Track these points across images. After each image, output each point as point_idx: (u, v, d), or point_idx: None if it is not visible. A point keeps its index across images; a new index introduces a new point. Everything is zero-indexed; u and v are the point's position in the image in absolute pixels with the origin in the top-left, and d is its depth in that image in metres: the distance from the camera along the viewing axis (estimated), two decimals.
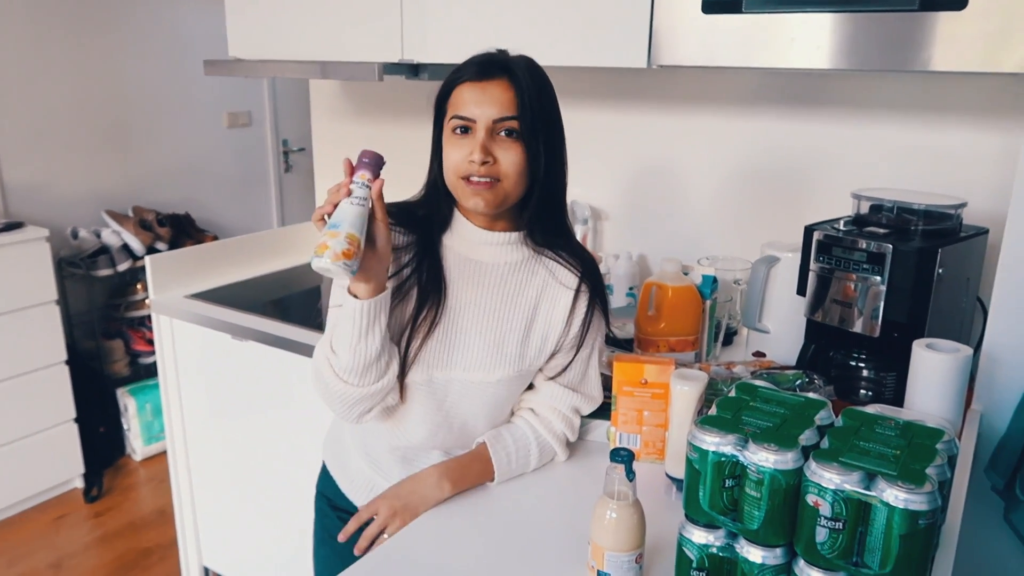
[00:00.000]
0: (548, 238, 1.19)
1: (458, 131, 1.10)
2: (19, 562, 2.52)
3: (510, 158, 1.09)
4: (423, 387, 1.18)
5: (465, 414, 1.21)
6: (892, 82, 1.63)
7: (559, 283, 1.19)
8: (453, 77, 1.12)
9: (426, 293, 1.15)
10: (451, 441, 1.23)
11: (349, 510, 1.31)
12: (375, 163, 1.04)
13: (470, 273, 1.18)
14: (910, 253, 1.29)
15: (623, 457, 0.94)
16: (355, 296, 1.06)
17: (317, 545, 1.38)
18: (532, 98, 1.09)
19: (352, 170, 1.04)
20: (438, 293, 1.15)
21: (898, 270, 1.30)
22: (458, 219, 1.18)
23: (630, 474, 0.95)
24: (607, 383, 1.30)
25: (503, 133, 1.09)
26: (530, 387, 1.28)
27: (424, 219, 1.19)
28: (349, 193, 1.02)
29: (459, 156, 1.10)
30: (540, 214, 1.16)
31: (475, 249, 1.18)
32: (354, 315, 1.06)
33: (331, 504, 1.35)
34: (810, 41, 1.32)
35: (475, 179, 1.09)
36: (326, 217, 1.02)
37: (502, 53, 1.14)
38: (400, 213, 1.18)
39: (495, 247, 1.18)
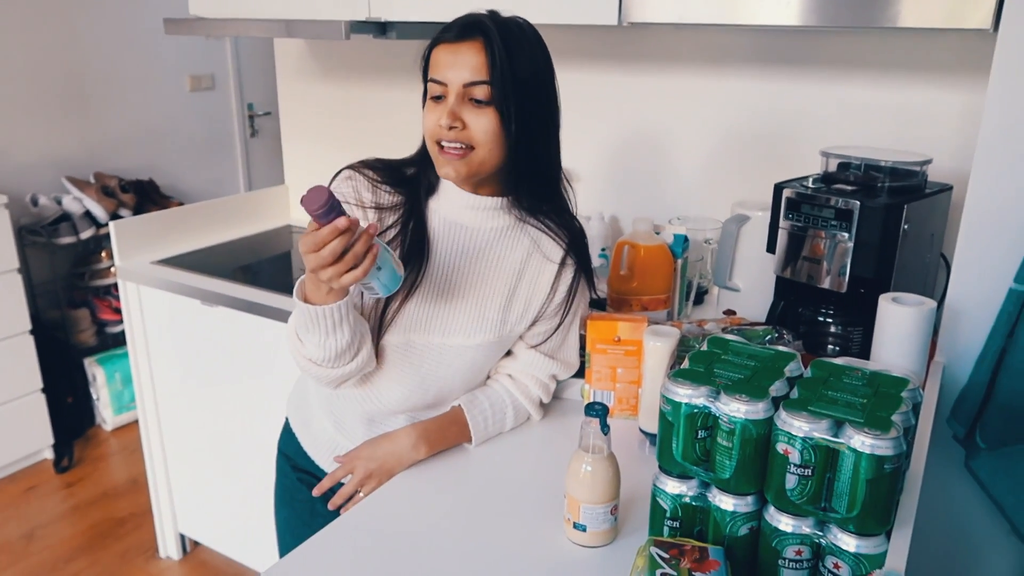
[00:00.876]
0: (535, 204, 1.18)
1: (434, 97, 1.08)
2: None
3: (481, 124, 1.05)
4: (400, 350, 1.17)
5: (441, 379, 1.20)
6: (859, 40, 1.64)
7: (543, 254, 1.19)
8: (435, 37, 1.09)
9: (408, 256, 1.13)
10: (422, 405, 1.23)
11: (310, 470, 1.30)
12: (332, 203, 0.90)
13: (454, 237, 1.16)
14: (877, 209, 1.31)
15: (597, 411, 0.96)
16: (311, 302, 1.01)
17: (278, 506, 1.37)
18: (505, 61, 1.04)
19: (322, 217, 0.90)
20: (421, 256, 1.14)
21: (865, 226, 1.32)
22: (444, 182, 1.16)
23: (604, 428, 0.96)
24: (581, 342, 1.31)
25: (474, 99, 1.05)
26: (508, 353, 1.28)
27: (412, 179, 1.17)
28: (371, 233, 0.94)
29: (431, 120, 1.08)
30: (525, 180, 1.14)
31: (460, 213, 1.16)
32: (318, 319, 1.02)
33: (292, 464, 1.33)
34: None
35: (447, 146, 1.06)
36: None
37: (490, 13, 1.09)
38: (387, 170, 1.16)
39: (480, 212, 1.16)
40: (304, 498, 1.28)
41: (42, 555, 2.40)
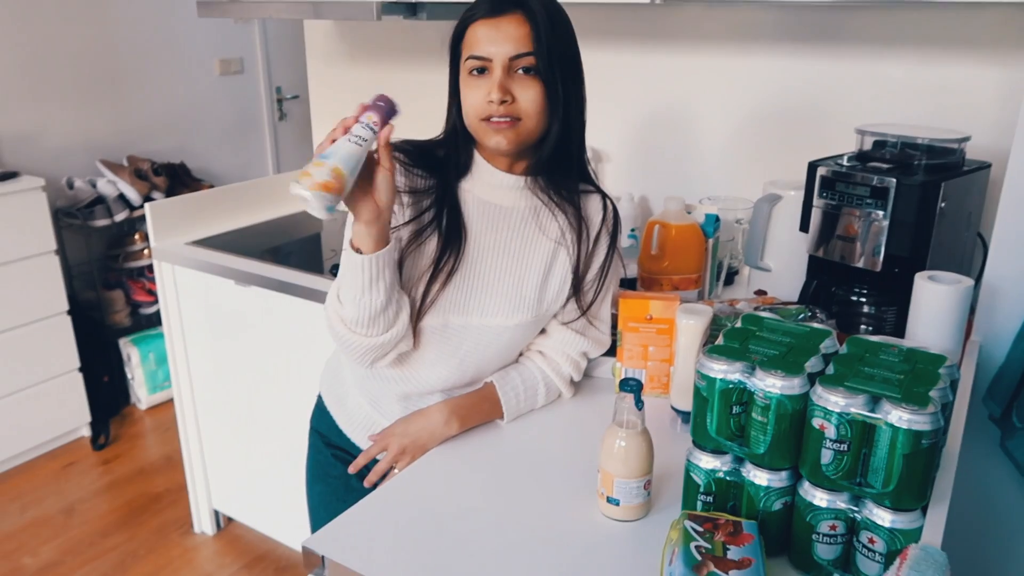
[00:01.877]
0: (566, 181, 1.18)
1: (475, 72, 1.07)
2: (31, 507, 2.57)
3: (529, 96, 1.07)
4: (438, 332, 1.18)
5: (479, 359, 1.21)
6: (896, 16, 1.61)
7: (576, 231, 1.19)
8: (466, 15, 1.09)
9: (447, 240, 1.14)
10: (460, 385, 1.24)
11: (344, 447, 1.32)
12: (387, 108, 1.01)
13: (490, 217, 1.17)
14: (913, 187, 1.30)
15: (632, 386, 0.96)
16: (358, 250, 1.05)
17: (311, 481, 1.39)
18: (548, 32, 1.06)
19: (363, 110, 1.01)
20: (458, 239, 1.15)
21: (901, 204, 1.31)
22: (478, 162, 1.16)
23: (639, 403, 0.96)
24: (612, 320, 1.31)
25: (520, 71, 1.06)
26: (541, 331, 1.28)
27: (443, 161, 1.17)
28: (348, 129, 0.99)
29: (477, 97, 1.07)
30: (558, 154, 1.15)
31: (495, 192, 1.17)
32: (357, 269, 1.05)
33: (326, 441, 1.35)
34: None
35: (496, 119, 1.07)
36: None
37: None
38: (418, 153, 1.17)
39: (515, 191, 1.17)
40: (338, 474, 1.30)
41: (81, 529, 2.47)
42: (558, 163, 1.16)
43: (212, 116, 3.71)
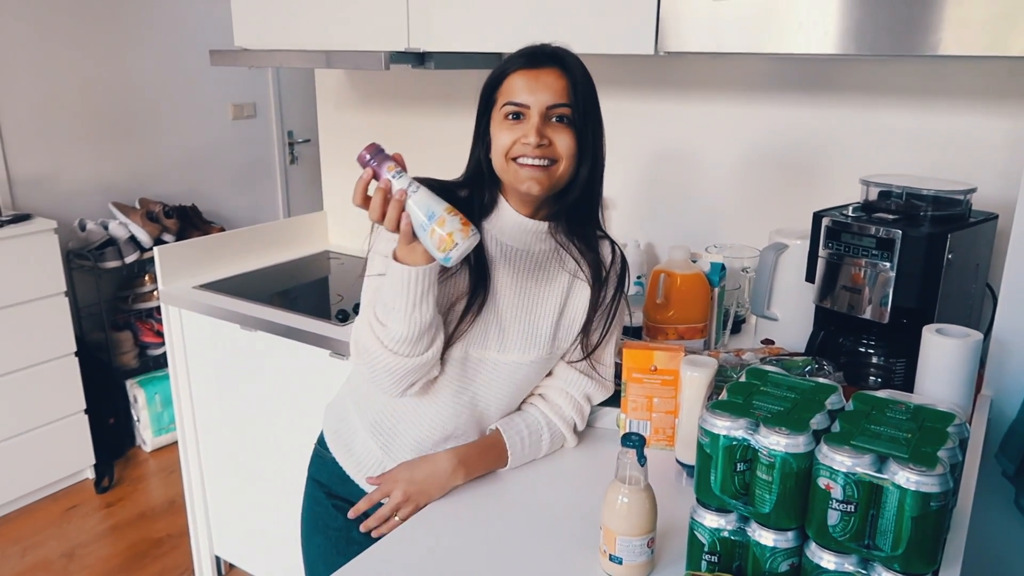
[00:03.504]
0: (581, 228, 1.22)
1: (510, 117, 1.13)
2: (31, 551, 2.54)
3: (564, 141, 1.12)
4: (458, 363, 1.19)
5: (488, 397, 1.23)
6: (900, 67, 1.62)
7: (587, 275, 1.22)
8: (504, 66, 1.15)
9: (477, 274, 1.17)
10: (465, 427, 1.24)
11: (347, 497, 1.29)
12: (384, 151, 1.06)
13: (509, 258, 1.20)
14: (919, 239, 1.29)
15: (634, 442, 0.95)
16: (405, 263, 1.06)
17: (309, 534, 1.36)
18: (582, 87, 1.13)
19: (373, 168, 1.05)
20: (485, 276, 1.18)
21: (907, 256, 1.30)
22: (501, 205, 1.20)
23: (641, 459, 0.95)
24: (617, 370, 1.30)
25: (555, 119, 1.12)
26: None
27: (466, 201, 1.20)
28: (401, 192, 1.02)
29: (510, 139, 1.12)
30: (578, 203, 1.19)
31: (513, 236, 1.20)
32: (408, 283, 1.06)
33: (327, 491, 1.33)
34: (817, 26, 1.32)
35: (530, 161, 1.11)
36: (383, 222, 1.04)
37: (549, 46, 1.16)
38: (445, 193, 1.18)
39: (532, 234, 1.20)
40: (339, 526, 1.28)
41: (82, 574, 2.44)
42: (577, 210, 1.20)
43: (224, 159, 3.76)
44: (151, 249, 3.07)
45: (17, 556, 2.52)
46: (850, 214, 1.40)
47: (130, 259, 3.07)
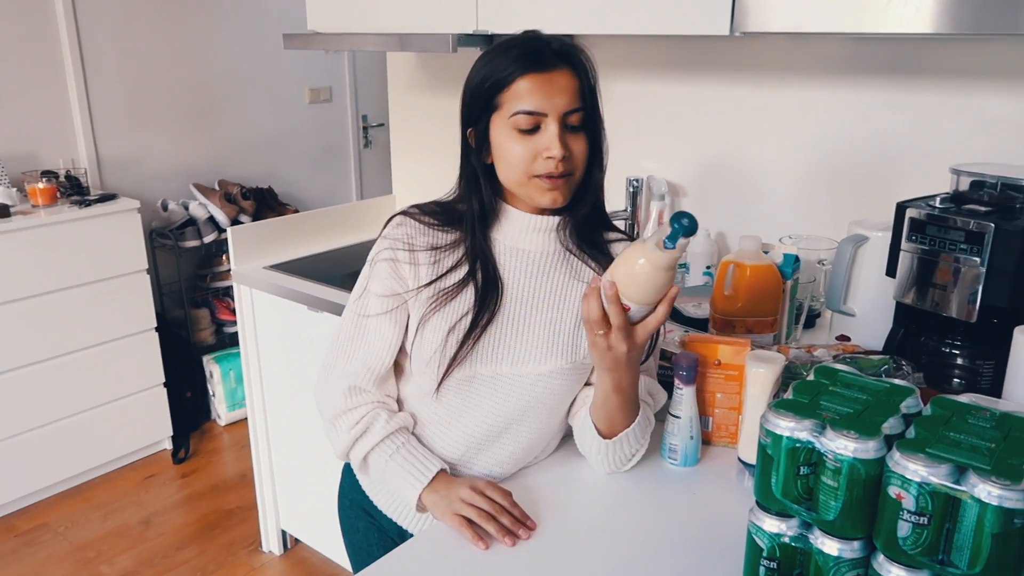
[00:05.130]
0: (592, 222, 1.15)
1: (523, 126, 1.04)
2: (112, 516, 2.67)
3: (581, 148, 1.06)
4: (464, 384, 1.12)
5: (507, 412, 1.13)
6: (997, 47, 1.51)
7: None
8: (507, 68, 1.04)
9: (484, 296, 1.10)
10: (480, 442, 1.15)
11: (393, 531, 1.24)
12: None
13: (519, 263, 1.14)
14: (1014, 233, 1.20)
15: (682, 223, 0.94)
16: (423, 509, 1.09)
17: (363, 561, 1.23)
18: (592, 86, 1.07)
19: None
20: (495, 292, 1.11)
21: (1000, 251, 1.21)
22: (506, 210, 1.13)
23: (679, 231, 0.94)
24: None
25: (571, 125, 1.05)
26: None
27: (465, 215, 1.13)
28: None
29: (528, 153, 1.04)
30: (587, 198, 1.13)
31: (525, 237, 1.14)
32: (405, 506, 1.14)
33: (375, 525, 1.27)
34: (908, 3, 1.23)
35: (553, 177, 1.04)
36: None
37: (541, 35, 1.08)
38: (442, 211, 1.15)
39: (544, 233, 1.14)
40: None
41: (156, 541, 2.54)
42: (589, 204, 1.14)
43: (300, 143, 3.83)
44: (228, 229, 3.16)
45: (99, 520, 2.64)
46: (938, 205, 1.31)
47: (208, 239, 3.16)
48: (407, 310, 1.13)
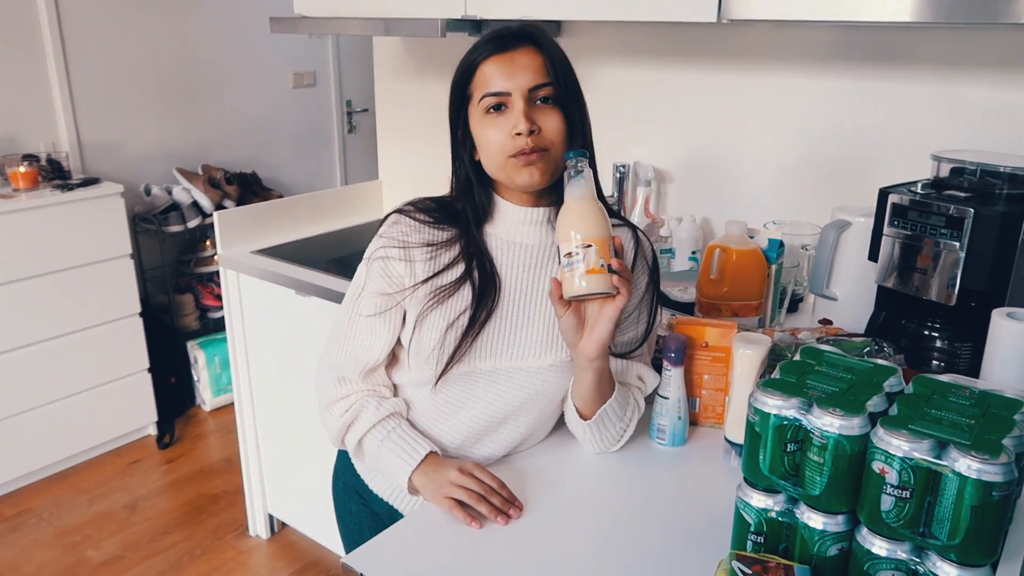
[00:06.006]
0: None
1: (492, 110, 1.05)
2: (97, 501, 2.66)
3: (553, 124, 1.05)
4: (463, 378, 1.13)
5: (505, 405, 1.14)
6: (976, 36, 1.54)
7: None
8: (471, 57, 1.07)
9: (481, 292, 1.10)
10: (479, 436, 1.17)
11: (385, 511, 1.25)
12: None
13: (515, 257, 1.14)
14: (993, 218, 1.23)
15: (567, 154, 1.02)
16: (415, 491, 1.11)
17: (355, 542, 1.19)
18: (560, 62, 1.07)
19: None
20: (494, 285, 1.12)
21: (979, 236, 1.24)
22: (499, 204, 1.14)
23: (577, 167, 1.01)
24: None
25: (539, 101, 1.05)
26: None
27: (463, 212, 1.14)
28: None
29: (500, 134, 1.05)
30: None
31: (520, 231, 1.14)
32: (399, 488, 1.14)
33: (367, 507, 1.28)
34: None
35: (526, 153, 1.04)
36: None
37: (514, 23, 1.09)
38: (438, 208, 1.15)
39: (539, 225, 1.14)
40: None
41: (142, 526, 2.54)
42: None
43: (284, 127, 3.81)
44: (212, 214, 3.14)
45: (84, 505, 2.64)
46: (919, 191, 1.34)
47: (192, 224, 3.14)
48: (402, 309, 1.14)
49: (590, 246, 0.99)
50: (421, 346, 1.12)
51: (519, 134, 1.03)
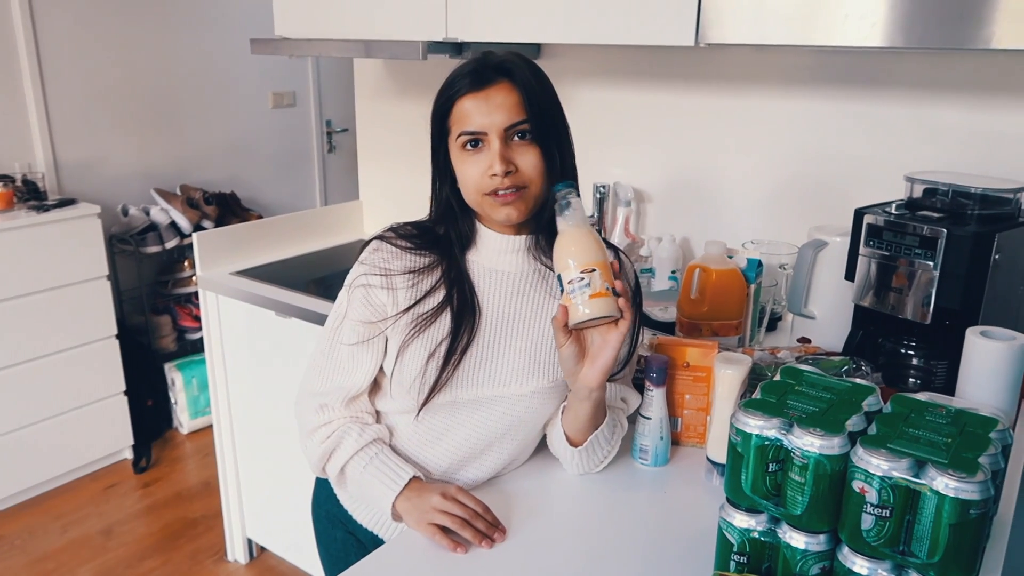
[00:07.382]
0: None
1: (468, 147, 1.06)
2: (72, 528, 2.61)
3: (529, 161, 1.05)
4: (445, 407, 1.13)
5: (488, 432, 1.14)
6: (948, 60, 1.58)
7: None
8: (449, 92, 1.07)
9: (460, 320, 1.10)
10: (464, 462, 1.17)
11: (367, 538, 1.24)
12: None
13: (497, 284, 1.14)
14: (965, 238, 1.25)
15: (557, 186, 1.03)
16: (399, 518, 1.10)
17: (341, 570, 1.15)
18: (538, 95, 1.05)
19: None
20: (472, 316, 1.11)
21: (952, 255, 1.26)
22: (481, 232, 1.14)
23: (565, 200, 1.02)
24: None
25: (516, 137, 1.05)
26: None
27: (444, 237, 1.14)
28: None
29: (477, 172, 1.05)
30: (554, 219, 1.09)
31: (501, 259, 1.14)
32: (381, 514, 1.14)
33: (348, 531, 1.26)
34: (865, 18, 1.28)
35: (501, 192, 1.04)
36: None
37: (493, 55, 1.08)
38: (419, 234, 1.14)
39: (521, 253, 1.14)
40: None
41: (118, 552, 2.49)
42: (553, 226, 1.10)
43: (263, 148, 3.80)
44: (191, 235, 3.12)
45: (58, 532, 2.59)
46: (893, 211, 1.37)
47: (170, 244, 3.12)
48: (384, 338, 1.13)
49: (594, 270, 0.99)
50: (403, 376, 1.11)
51: (495, 175, 1.04)
